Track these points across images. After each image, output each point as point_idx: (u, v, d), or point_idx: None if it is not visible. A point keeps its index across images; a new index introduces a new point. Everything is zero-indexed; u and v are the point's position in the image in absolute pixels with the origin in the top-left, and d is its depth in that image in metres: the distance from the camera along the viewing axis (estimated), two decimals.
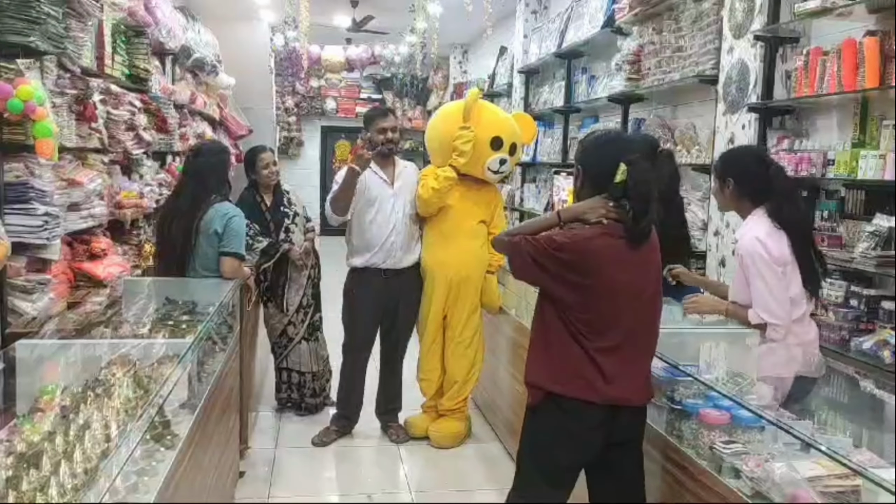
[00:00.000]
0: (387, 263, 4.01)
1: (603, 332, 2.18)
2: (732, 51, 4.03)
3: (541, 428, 2.29)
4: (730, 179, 2.76)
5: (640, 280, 2.23)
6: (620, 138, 2.44)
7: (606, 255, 2.17)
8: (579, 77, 6.74)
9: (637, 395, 2.23)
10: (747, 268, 2.64)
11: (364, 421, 4.32)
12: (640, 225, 2.18)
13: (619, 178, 2.17)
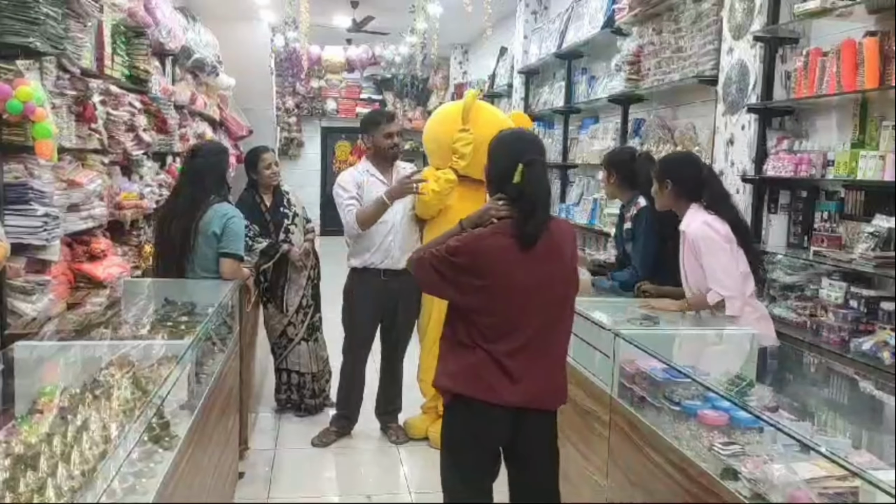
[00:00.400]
0: (385, 264, 4.00)
1: (507, 334, 2.19)
2: (732, 51, 4.03)
3: (451, 427, 2.36)
4: (668, 181, 3.09)
5: (540, 280, 2.21)
6: (522, 138, 2.40)
7: (497, 254, 2.18)
8: (579, 77, 6.74)
9: (548, 398, 2.28)
10: (699, 250, 2.92)
11: (364, 421, 4.32)
12: (527, 226, 2.17)
13: (516, 178, 2.18)
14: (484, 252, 2.18)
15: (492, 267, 2.18)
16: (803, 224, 3.64)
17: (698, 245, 2.92)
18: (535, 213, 2.19)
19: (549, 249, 2.22)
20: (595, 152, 5.90)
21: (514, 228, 2.20)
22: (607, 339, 2.72)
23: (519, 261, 2.18)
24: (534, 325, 2.21)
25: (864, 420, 2.54)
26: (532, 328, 2.21)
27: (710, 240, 2.91)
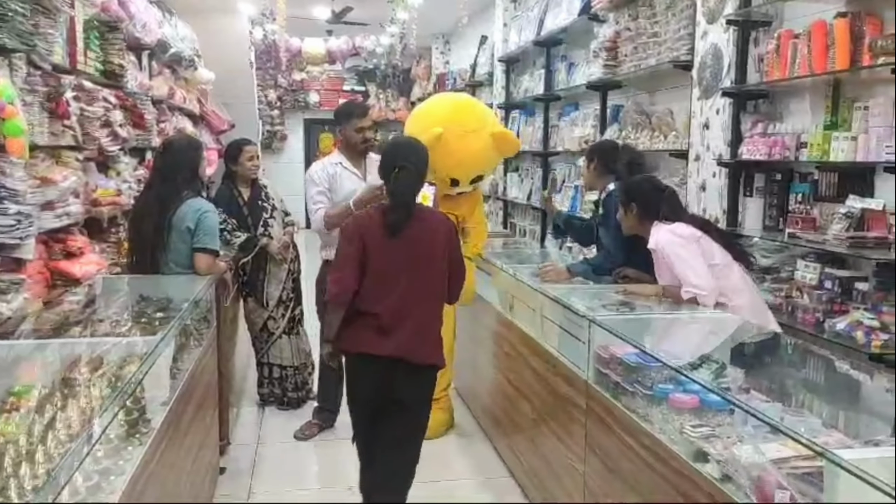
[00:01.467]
0: None
1: (379, 299, 2.65)
2: (706, 36, 4.03)
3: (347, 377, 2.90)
4: (632, 204, 3.18)
5: (404, 260, 2.67)
6: (400, 146, 2.89)
7: (367, 228, 2.67)
8: (558, 65, 6.73)
9: (413, 353, 2.68)
10: (668, 258, 3.00)
11: (346, 413, 4.30)
12: (389, 219, 2.65)
13: (392, 178, 2.68)
14: (356, 224, 2.72)
15: (362, 238, 2.68)
16: (778, 206, 3.66)
17: (668, 256, 3.00)
18: (395, 210, 2.65)
19: (414, 237, 2.66)
20: (575, 139, 5.91)
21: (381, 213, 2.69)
22: (582, 325, 2.73)
23: (387, 242, 2.66)
24: (399, 294, 2.65)
25: (837, 400, 2.56)
26: (397, 298, 2.65)
27: (674, 244, 2.99)
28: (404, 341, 2.64)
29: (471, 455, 4.00)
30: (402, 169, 2.64)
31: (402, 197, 2.67)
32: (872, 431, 2.18)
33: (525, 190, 7.43)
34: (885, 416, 2.41)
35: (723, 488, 1.83)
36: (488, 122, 4.23)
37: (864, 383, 2.65)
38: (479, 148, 4.05)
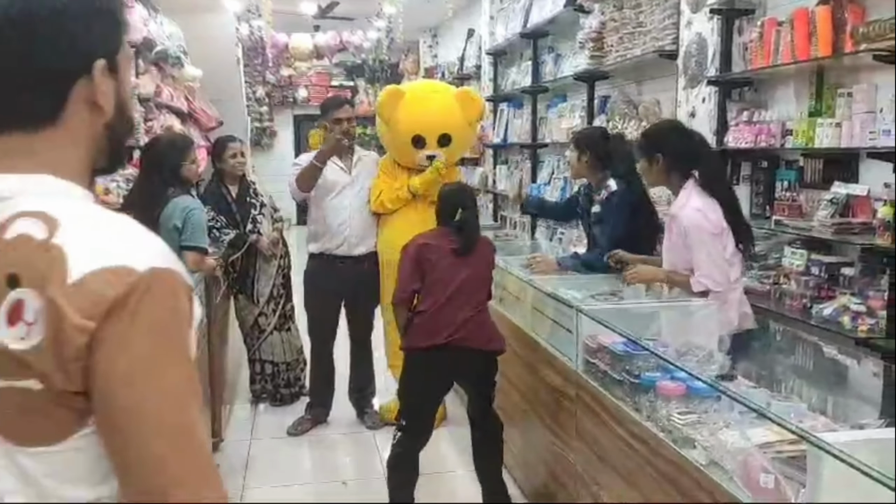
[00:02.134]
0: (341, 250, 4.03)
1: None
2: (690, 25, 4.04)
3: None
4: (658, 155, 2.88)
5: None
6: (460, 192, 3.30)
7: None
8: (546, 57, 6.72)
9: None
10: (690, 237, 2.76)
11: (339, 408, 4.33)
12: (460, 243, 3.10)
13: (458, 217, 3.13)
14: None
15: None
16: (765, 194, 3.68)
17: (689, 232, 2.77)
18: (469, 240, 3.12)
19: (474, 259, 3.11)
20: (564, 130, 5.91)
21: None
22: (571, 315, 2.74)
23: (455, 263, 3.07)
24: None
25: (824, 384, 2.58)
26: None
27: (701, 229, 2.75)
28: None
29: (464, 447, 4.00)
30: (465, 209, 3.13)
31: (472, 230, 3.15)
32: (859, 415, 2.20)
33: (514, 182, 7.43)
34: (871, 400, 2.44)
35: (709, 473, 1.85)
36: (454, 91, 4.32)
37: (850, 368, 2.68)
38: (442, 103, 4.13)
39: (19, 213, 0.82)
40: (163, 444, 0.79)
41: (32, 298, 0.78)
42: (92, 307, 0.77)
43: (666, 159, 2.87)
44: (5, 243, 0.80)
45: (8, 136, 0.87)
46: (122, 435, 0.79)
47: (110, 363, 0.78)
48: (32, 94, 0.87)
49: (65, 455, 0.82)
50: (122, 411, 0.78)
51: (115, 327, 0.78)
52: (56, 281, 0.78)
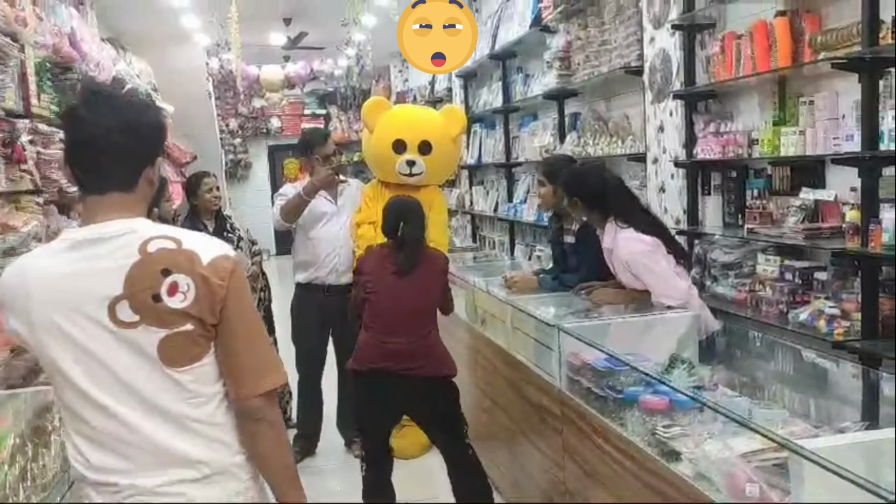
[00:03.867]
0: (329, 279, 4.02)
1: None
2: (654, 41, 4.12)
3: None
4: (575, 199, 3.10)
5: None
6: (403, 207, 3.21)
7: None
8: (515, 76, 6.81)
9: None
10: (634, 267, 2.94)
11: (327, 439, 4.31)
12: (400, 259, 3.06)
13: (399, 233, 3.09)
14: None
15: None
16: (736, 203, 3.74)
17: (630, 263, 2.93)
18: (410, 256, 3.07)
19: (418, 276, 3.06)
20: (537, 148, 5.98)
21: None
22: (551, 333, 2.76)
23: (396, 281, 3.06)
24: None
25: (804, 389, 2.62)
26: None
27: (643, 254, 2.90)
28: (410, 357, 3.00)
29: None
30: (406, 223, 3.06)
31: (413, 246, 3.07)
32: (839, 419, 2.24)
33: (491, 202, 7.48)
34: (850, 403, 2.48)
35: (696, 485, 1.87)
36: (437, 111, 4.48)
37: (829, 371, 2.72)
38: (425, 113, 4.29)
39: (150, 238, 1.47)
40: (259, 344, 1.55)
41: (183, 278, 1.45)
42: (222, 274, 1.48)
43: (583, 202, 3.08)
44: (151, 255, 1.45)
45: (109, 196, 1.50)
46: (238, 341, 1.50)
47: (233, 304, 1.49)
48: (127, 171, 1.51)
49: (203, 368, 1.49)
50: (238, 328, 1.50)
51: (233, 285, 1.49)
52: (198, 265, 1.46)
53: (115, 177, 1.49)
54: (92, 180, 1.49)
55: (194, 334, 1.45)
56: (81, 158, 1.49)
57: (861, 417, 2.26)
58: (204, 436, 1.48)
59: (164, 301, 1.42)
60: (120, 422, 1.43)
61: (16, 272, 1.47)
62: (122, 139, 1.46)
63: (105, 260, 1.43)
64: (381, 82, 12.94)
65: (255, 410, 1.50)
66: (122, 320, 1.42)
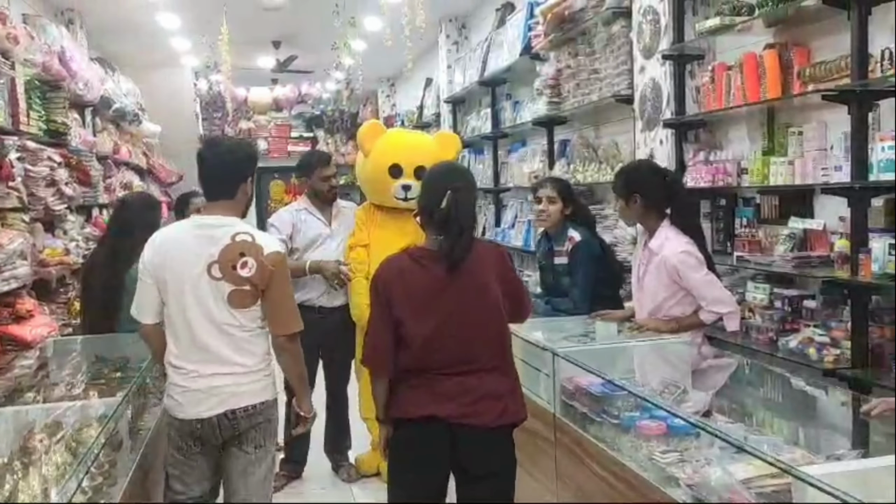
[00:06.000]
0: (321, 301, 3.99)
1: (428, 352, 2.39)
2: (644, 70, 4.18)
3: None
4: (636, 195, 2.99)
5: (457, 300, 2.33)
6: (453, 167, 2.63)
7: (401, 274, 2.34)
8: (504, 103, 6.87)
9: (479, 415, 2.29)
10: (686, 278, 2.87)
11: (314, 462, 4.25)
12: (448, 250, 2.25)
13: (443, 203, 2.28)
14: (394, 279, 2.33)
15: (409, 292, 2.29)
16: (725, 231, 3.78)
17: (682, 271, 2.86)
18: (458, 237, 2.25)
19: (470, 271, 2.27)
20: (525, 174, 6.01)
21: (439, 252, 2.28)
22: (546, 358, 2.76)
23: (431, 285, 2.27)
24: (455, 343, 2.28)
25: (796, 417, 2.63)
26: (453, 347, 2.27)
27: (693, 266, 2.86)
28: (469, 401, 2.24)
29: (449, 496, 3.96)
30: (456, 191, 2.28)
31: (466, 221, 2.29)
32: (832, 446, 2.25)
33: (479, 227, 7.51)
34: (842, 430, 2.50)
35: None
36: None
37: (819, 399, 2.74)
38: (420, 139, 4.31)
39: (237, 232, 2.42)
40: (287, 305, 2.49)
41: (251, 259, 2.37)
42: (273, 261, 2.41)
43: (643, 199, 2.99)
44: (236, 241, 2.39)
45: (217, 203, 2.50)
46: (278, 303, 2.45)
47: (276, 279, 2.41)
48: (229, 187, 2.50)
49: (252, 312, 2.42)
50: (277, 297, 2.44)
51: (278, 268, 2.42)
52: (261, 254, 2.39)
53: (220, 189, 2.49)
54: (208, 192, 2.53)
55: (250, 293, 2.38)
56: (203, 179, 2.53)
57: (852, 445, 2.27)
58: (245, 350, 2.41)
59: (238, 270, 2.36)
60: (197, 335, 2.38)
61: (157, 235, 2.52)
62: (221, 166, 2.48)
63: (212, 237, 2.39)
64: (369, 106, 13.00)
65: (281, 344, 2.47)
66: (213, 275, 2.36)
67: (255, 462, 2.47)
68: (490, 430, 2.24)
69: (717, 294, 2.89)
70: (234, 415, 2.39)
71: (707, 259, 2.96)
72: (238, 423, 2.41)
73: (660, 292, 2.94)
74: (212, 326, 2.37)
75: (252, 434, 2.45)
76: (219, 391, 2.38)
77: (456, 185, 2.30)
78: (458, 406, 2.22)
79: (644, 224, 3.09)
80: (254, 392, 2.44)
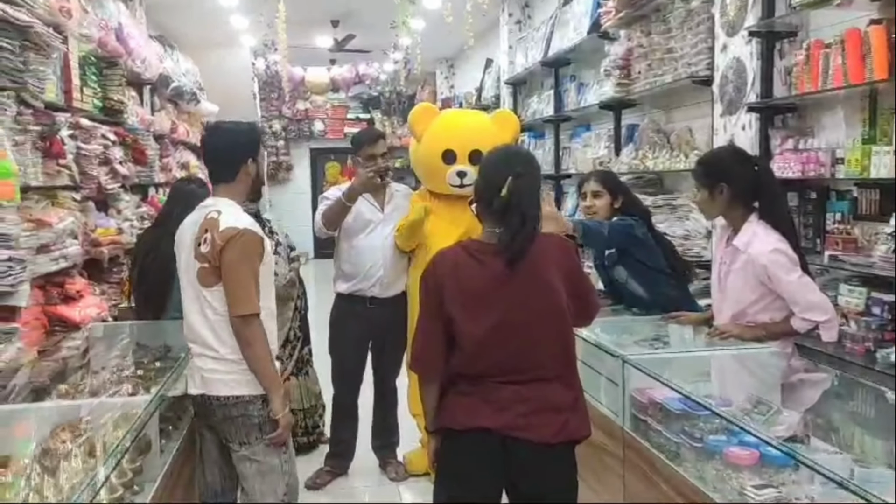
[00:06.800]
0: (373, 291, 3.78)
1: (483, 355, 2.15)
2: (726, 49, 3.84)
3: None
4: (722, 185, 2.65)
5: (518, 298, 2.07)
6: (514, 153, 2.26)
7: (456, 269, 2.10)
8: (568, 85, 6.56)
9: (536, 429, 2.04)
10: (774, 275, 2.53)
11: (361, 458, 4.08)
12: (508, 243, 2.01)
13: (503, 191, 2.03)
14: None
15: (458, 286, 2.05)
16: (815, 227, 3.43)
17: (773, 273, 2.53)
18: (519, 228, 2.01)
19: (532, 267, 2.03)
20: (589, 160, 5.71)
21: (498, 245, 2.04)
22: (612, 364, 2.49)
23: (489, 281, 2.03)
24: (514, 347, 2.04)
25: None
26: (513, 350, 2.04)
27: (785, 267, 2.52)
28: (525, 413, 2.00)
29: None
30: (518, 177, 2.05)
31: (529, 210, 2.03)
32: None
33: None
34: None
35: None
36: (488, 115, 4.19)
37: None
38: (476, 120, 4.02)
39: (214, 210, 2.44)
40: (241, 282, 2.35)
41: (209, 235, 2.37)
42: (224, 237, 2.34)
43: (731, 190, 2.65)
44: (207, 219, 2.42)
45: (219, 186, 2.55)
46: (228, 281, 2.35)
47: (225, 258, 2.34)
48: (229, 170, 2.52)
49: (217, 291, 2.38)
50: (226, 275, 2.35)
51: (229, 245, 2.34)
52: (215, 230, 2.37)
53: (220, 172, 2.52)
54: (211, 175, 2.56)
55: (209, 270, 2.37)
56: (205, 163, 2.63)
57: None
58: (219, 336, 2.39)
59: (200, 247, 2.39)
60: (187, 313, 2.47)
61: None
62: (219, 149, 2.54)
63: (199, 218, 2.44)
64: (427, 88, 12.78)
65: (234, 326, 2.35)
66: (193, 255, 2.41)
67: (243, 460, 2.43)
68: (548, 447, 1.99)
69: (813, 299, 2.53)
70: (209, 401, 2.40)
71: (800, 259, 2.60)
72: (213, 411, 2.41)
73: (745, 295, 2.60)
74: (194, 305, 2.43)
75: (231, 429, 2.41)
76: (199, 371, 2.43)
77: (518, 171, 2.06)
78: (513, 417, 1.98)
79: (728, 218, 2.72)
80: (226, 383, 2.38)
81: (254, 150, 2.54)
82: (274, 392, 2.38)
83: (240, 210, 2.47)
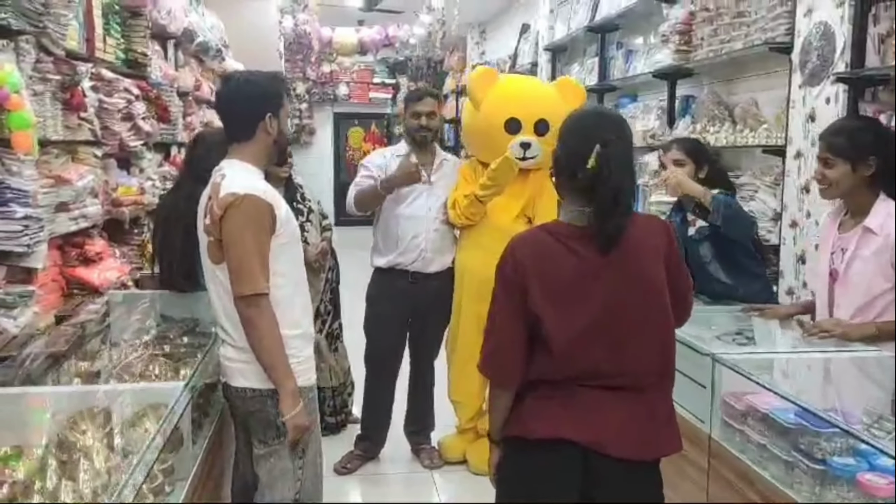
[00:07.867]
0: (415, 265, 3.51)
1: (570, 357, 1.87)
2: (811, 13, 3.48)
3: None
4: (872, 159, 2.30)
5: (611, 291, 1.79)
6: (602, 116, 1.96)
7: (540, 259, 1.81)
8: (614, 52, 6.20)
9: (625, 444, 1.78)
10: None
11: (393, 442, 3.84)
12: (606, 224, 1.71)
13: (590, 163, 1.71)
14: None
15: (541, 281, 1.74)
16: None
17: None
18: (611, 208, 1.70)
19: (624, 254, 1.73)
20: (638, 133, 5.35)
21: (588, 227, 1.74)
22: (703, 364, 2.20)
23: (579, 271, 1.73)
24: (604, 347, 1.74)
25: None
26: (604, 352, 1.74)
27: None
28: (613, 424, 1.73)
29: None
30: (607, 144, 1.72)
31: (623, 184, 1.73)
32: None
33: None
34: None
35: None
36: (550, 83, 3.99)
37: None
38: (540, 88, 3.85)
39: (220, 173, 2.18)
40: (242, 256, 2.07)
41: (211, 203, 2.13)
42: (222, 204, 2.08)
43: (879, 165, 2.32)
44: (212, 184, 2.17)
45: (231, 146, 2.24)
46: (228, 257, 2.09)
47: (225, 228, 2.08)
48: (246, 127, 2.21)
49: (226, 269, 2.11)
50: (226, 248, 2.09)
51: (229, 213, 2.07)
52: (216, 196, 2.12)
53: (236, 130, 2.22)
54: (227, 134, 2.26)
55: (214, 243, 2.11)
56: (221, 120, 2.31)
57: None
58: (233, 319, 2.12)
59: (206, 218, 2.14)
60: (210, 293, 2.23)
61: None
62: (234, 102, 2.22)
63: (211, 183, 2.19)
64: (456, 54, 12.37)
65: (238, 309, 2.08)
66: (202, 225, 2.19)
67: (259, 460, 2.21)
68: (635, 464, 1.73)
69: None
70: (230, 391, 2.20)
71: None
72: (233, 402, 2.24)
73: (877, 284, 2.25)
74: (211, 284, 2.20)
75: (251, 422, 2.22)
76: (220, 357, 2.24)
77: (607, 138, 1.73)
78: (597, 429, 1.71)
79: (855, 198, 2.40)
80: (242, 373, 2.15)
81: (275, 105, 2.18)
82: (282, 387, 2.07)
83: (251, 173, 2.15)
